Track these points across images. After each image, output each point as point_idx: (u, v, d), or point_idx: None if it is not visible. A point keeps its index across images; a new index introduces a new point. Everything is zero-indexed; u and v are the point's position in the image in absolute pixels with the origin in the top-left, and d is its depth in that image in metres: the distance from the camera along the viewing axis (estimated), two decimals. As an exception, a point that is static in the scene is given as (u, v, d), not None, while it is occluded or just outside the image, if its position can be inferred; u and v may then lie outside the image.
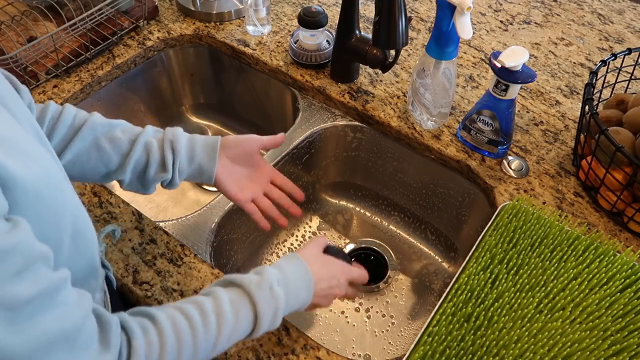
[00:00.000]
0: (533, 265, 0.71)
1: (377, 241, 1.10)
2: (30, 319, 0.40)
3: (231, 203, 0.88)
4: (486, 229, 0.76)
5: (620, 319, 0.65)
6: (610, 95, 0.94)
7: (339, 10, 0.97)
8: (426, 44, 0.87)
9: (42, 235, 0.43)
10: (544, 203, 0.85)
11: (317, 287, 0.64)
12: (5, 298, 0.38)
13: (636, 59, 0.94)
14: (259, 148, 0.76)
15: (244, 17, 1.19)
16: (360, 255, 1.09)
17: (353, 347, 0.94)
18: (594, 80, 0.84)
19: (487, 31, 1.20)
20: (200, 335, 0.53)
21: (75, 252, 0.52)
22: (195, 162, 0.71)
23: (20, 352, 0.39)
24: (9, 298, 0.38)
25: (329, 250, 0.70)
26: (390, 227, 1.12)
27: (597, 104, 0.91)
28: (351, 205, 1.16)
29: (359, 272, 0.71)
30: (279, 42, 1.14)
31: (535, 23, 1.24)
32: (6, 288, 0.38)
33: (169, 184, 0.71)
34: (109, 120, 0.69)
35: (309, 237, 1.10)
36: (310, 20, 1.01)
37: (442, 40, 0.84)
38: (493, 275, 0.70)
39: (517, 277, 0.70)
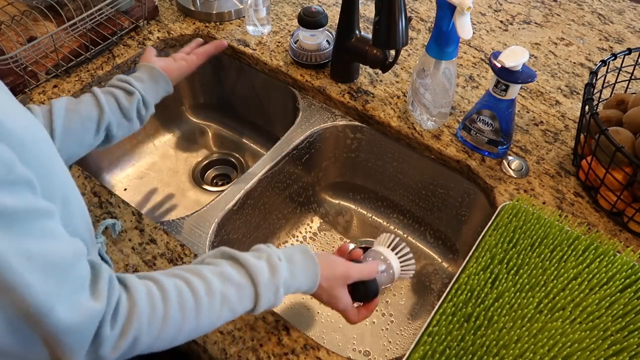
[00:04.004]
0: (533, 265, 0.71)
1: (377, 241, 1.10)
2: (20, 233, 0.41)
3: (231, 203, 0.89)
4: (486, 229, 0.76)
5: (620, 319, 0.66)
6: (610, 95, 0.94)
7: (339, 10, 0.97)
8: (426, 44, 0.88)
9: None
10: (544, 203, 0.85)
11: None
12: None
13: (636, 59, 0.94)
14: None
15: (244, 17, 1.19)
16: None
17: (354, 344, 0.94)
18: (594, 80, 0.84)
19: (487, 31, 1.20)
20: (204, 311, 0.54)
21: (67, 224, 0.52)
22: (144, 78, 0.83)
23: (5, 260, 0.40)
24: None
25: (360, 286, 0.69)
26: (390, 227, 1.12)
27: (597, 104, 0.91)
28: (351, 206, 1.16)
29: (353, 314, 0.70)
30: (279, 42, 1.14)
31: (535, 23, 1.24)
32: None
33: (145, 107, 0.80)
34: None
35: (310, 238, 1.10)
36: (310, 20, 1.01)
37: (442, 40, 0.84)
38: (493, 275, 0.70)
39: (517, 277, 0.70)
